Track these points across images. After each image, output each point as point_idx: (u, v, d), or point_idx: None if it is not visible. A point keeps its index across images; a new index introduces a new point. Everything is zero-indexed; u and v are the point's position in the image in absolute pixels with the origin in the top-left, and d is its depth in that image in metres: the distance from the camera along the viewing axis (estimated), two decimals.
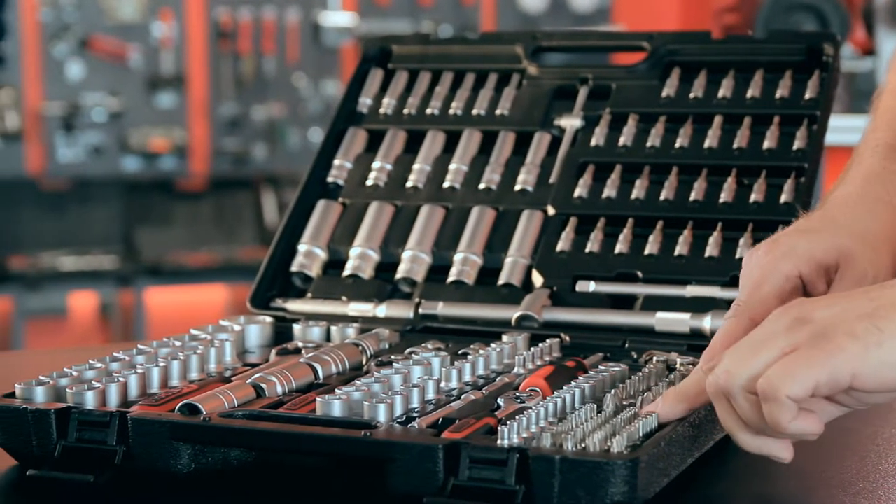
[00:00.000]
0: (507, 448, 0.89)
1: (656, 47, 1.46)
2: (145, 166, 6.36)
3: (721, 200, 1.33)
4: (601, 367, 1.10)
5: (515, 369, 1.15)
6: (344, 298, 1.37)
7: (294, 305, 1.37)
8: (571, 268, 1.33)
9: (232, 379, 1.10)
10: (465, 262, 1.37)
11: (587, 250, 1.34)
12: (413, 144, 1.49)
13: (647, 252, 1.32)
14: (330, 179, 1.48)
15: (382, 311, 1.34)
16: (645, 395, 1.02)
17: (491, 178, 1.43)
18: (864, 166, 1.15)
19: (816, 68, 1.41)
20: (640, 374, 1.08)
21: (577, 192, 1.38)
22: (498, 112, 1.49)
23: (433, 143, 1.48)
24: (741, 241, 1.29)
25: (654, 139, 1.40)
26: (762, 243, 1.06)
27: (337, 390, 1.01)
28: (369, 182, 1.46)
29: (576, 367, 1.12)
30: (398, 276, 1.38)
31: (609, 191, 1.37)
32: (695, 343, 1.20)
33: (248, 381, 1.06)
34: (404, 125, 1.51)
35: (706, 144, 1.38)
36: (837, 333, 0.89)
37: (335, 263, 1.42)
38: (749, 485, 1.02)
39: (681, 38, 1.48)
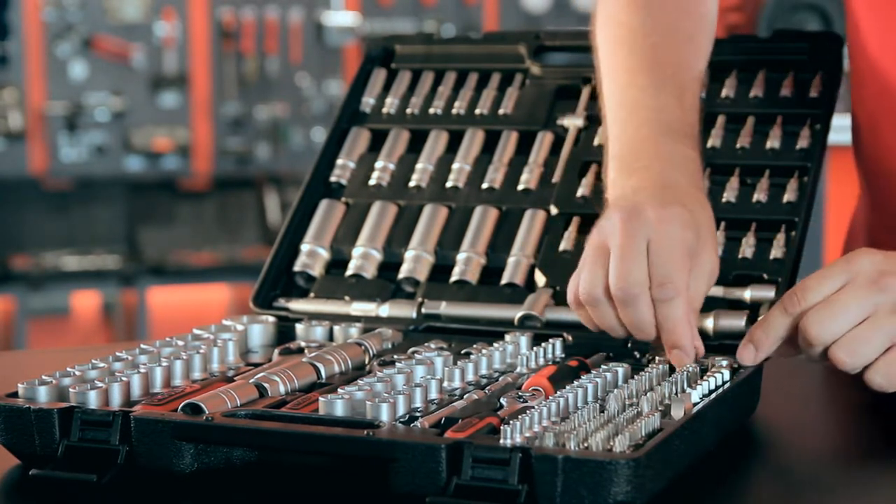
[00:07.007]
0: (509, 447, 0.89)
1: None
2: (148, 166, 6.37)
3: (724, 200, 1.33)
4: (604, 367, 1.10)
5: (518, 369, 1.15)
6: (347, 298, 1.37)
7: (297, 305, 1.37)
8: (574, 267, 1.32)
9: (235, 378, 1.10)
10: (467, 262, 1.37)
11: None
12: (416, 144, 1.49)
13: None
14: (333, 179, 1.48)
15: (385, 310, 1.34)
16: (648, 394, 1.02)
17: (494, 177, 1.43)
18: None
19: (820, 68, 1.41)
20: (643, 373, 1.08)
21: (580, 192, 1.38)
22: (501, 112, 1.49)
23: (436, 142, 1.48)
24: (744, 241, 1.29)
25: None
26: None
27: (340, 390, 1.01)
28: (372, 182, 1.46)
29: (578, 367, 1.12)
30: (401, 275, 1.38)
31: None
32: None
33: (251, 380, 1.06)
34: (407, 125, 1.51)
35: (709, 144, 1.38)
36: None
37: (338, 263, 1.41)
38: (754, 483, 1.02)
39: None
